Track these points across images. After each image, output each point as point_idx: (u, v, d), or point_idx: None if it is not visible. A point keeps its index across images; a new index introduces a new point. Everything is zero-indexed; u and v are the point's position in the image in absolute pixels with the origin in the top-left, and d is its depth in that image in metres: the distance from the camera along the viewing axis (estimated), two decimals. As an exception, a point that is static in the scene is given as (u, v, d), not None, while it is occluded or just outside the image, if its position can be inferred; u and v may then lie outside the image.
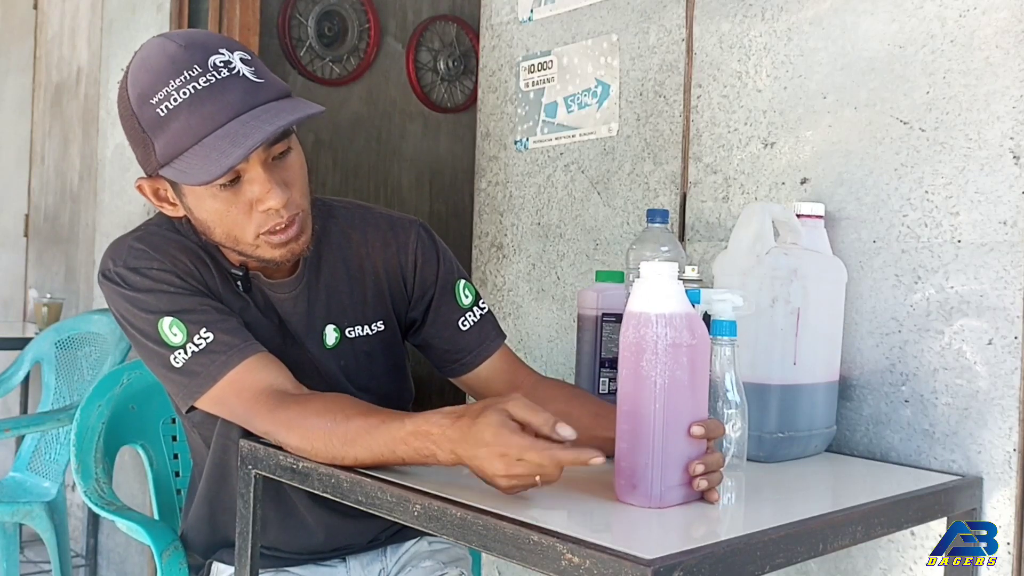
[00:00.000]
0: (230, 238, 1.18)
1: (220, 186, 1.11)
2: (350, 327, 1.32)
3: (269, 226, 1.15)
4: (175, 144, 1.08)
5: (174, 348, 1.17)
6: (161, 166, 1.10)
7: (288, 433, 1.14)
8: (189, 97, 1.07)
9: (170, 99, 1.07)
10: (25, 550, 3.23)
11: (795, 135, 1.47)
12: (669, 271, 0.98)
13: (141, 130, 1.10)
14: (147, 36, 3.14)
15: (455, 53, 4.07)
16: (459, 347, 1.36)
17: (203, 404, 1.19)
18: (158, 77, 1.08)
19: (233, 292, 1.26)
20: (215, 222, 1.16)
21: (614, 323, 1.48)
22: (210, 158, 1.06)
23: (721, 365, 1.13)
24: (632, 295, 0.99)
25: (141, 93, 1.09)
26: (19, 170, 4.30)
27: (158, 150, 1.09)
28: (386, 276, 1.35)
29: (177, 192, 1.17)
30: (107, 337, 2.80)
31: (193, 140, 1.07)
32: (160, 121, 1.08)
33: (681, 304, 0.98)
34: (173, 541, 1.45)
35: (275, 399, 1.16)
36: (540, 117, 1.91)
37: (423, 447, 1.02)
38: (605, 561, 0.79)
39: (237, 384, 1.17)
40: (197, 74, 1.08)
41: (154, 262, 1.20)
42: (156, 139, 1.09)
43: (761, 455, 1.23)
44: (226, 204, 1.14)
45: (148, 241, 1.22)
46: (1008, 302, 1.23)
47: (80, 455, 1.52)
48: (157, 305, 1.18)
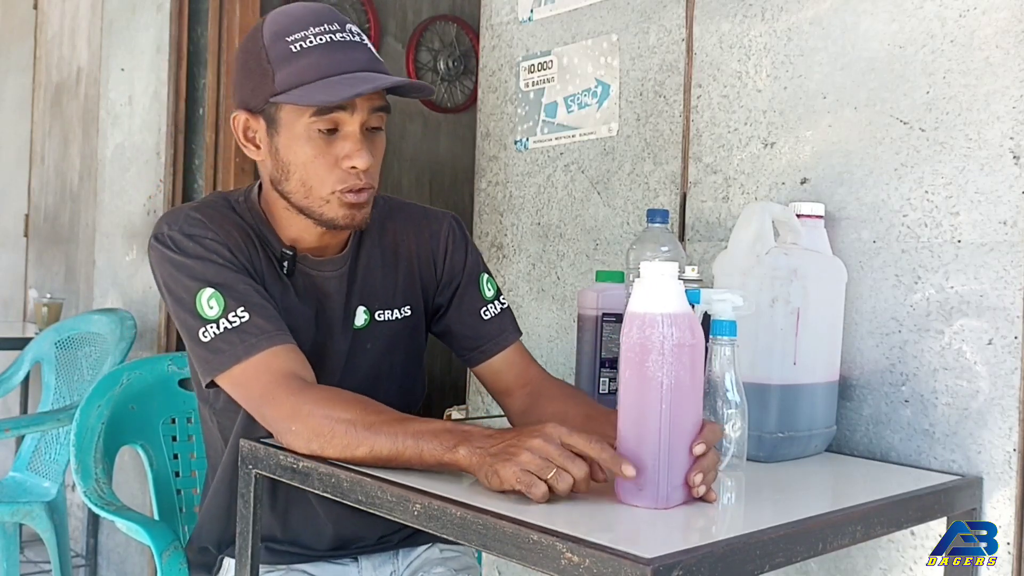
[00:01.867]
0: (305, 187, 1.22)
1: (319, 131, 1.18)
2: (380, 310, 1.36)
3: (347, 184, 1.21)
4: (300, 76, 1.17)
5: (206, 321, 1.19)
6: (276, 93, 1.18)
7: (305, 419, 1.13)
8: (324, 43, 1.17)
9: (306, 40, 1.17)
10: (25, 550, 3.23)
11: (795, 135, 1.47)
12: (671, 271, 0.98)
13: (266, 61, 1.18)
14: (147, 36, 3.16)
15: (455, 53, 4.07)
16: (480, 335, 1.40)
17: (223, 382, 1.20)
18: (298, 21, 1.19)
19: (276, 276, 1.29)
20: (299, 166, 1.21)
21: (614, 323, 1.48)
22: (333, 90, 1.15)
23: (721, 365, 1.13)
24: (634, 295, 0.99)
25: (277, 31, 1.19)
26: (19, 170, 4.30)
27: (278, 79, 1.17)
28: (418, 262, 1.40)
29: (271, 132, 1.22)
30: (107, 337, 2.80)
31: (318, 76, 1.16)
32: (290, 56, 1.17)
33: (684, 304, 0.98)
34: (173, 541, 1.45)
35: (297, 384, 1.17)
36: (540, 117, 1.91)
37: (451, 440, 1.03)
38: (605, 560, 0.79)
39: (261, 368, 1.18)
40: (335, 29, 1.19)
41: (209, 232, 1.24)
42: (279, 70, 1.17)
43: (761, 455, 1.24)
44: (317, 151, 1.20)
45: (206, 212, 1.26)
46: (1008, 302, 1.23)
47: (80, 455, 1.52)
48: (203, 274, 1.20)
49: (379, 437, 1.08)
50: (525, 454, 0.97)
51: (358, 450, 1.09)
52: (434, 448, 1.05)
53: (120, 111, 3.35)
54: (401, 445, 1.07)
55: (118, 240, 3.33)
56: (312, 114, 1.18)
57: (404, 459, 1.07)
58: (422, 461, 1.06)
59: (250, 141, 1.26)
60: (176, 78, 3.00)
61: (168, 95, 3.01)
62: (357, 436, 1.09)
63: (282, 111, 1.20)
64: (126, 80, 3.31)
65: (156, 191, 3.08)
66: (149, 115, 3.14)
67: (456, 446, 1.03)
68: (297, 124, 1.19)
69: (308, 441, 1.13)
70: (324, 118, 1.18)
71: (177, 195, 3.01)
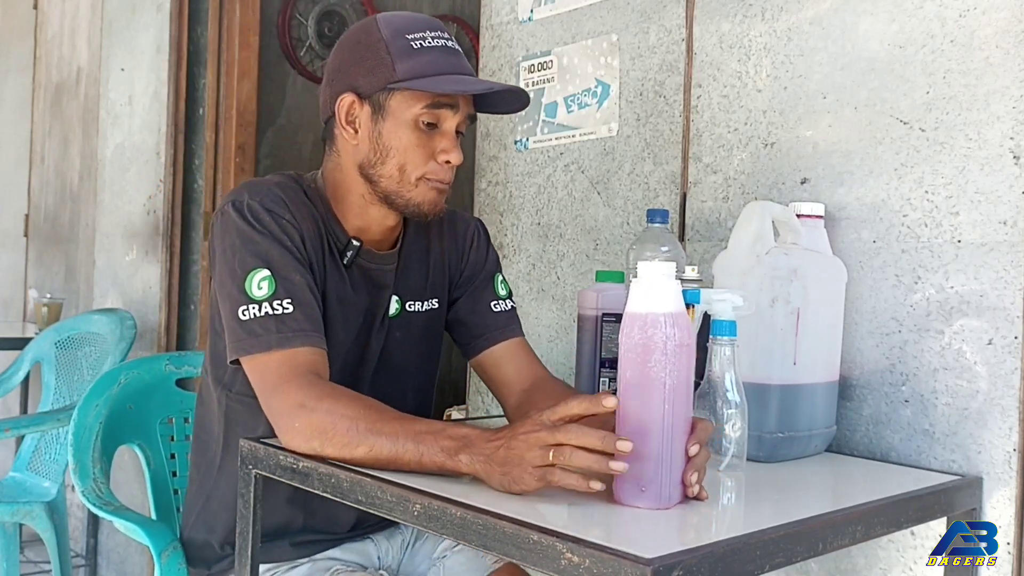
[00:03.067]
0: (399, 168, 1.30)
1: (424, 122, 1.27)
2: (410, 301, 1.43)
3: (438, 176, 1.30)
4: (421, 68, 1.26)
5: (251, 300, 1.22)
6: (396, 80, 1.26)
7: (309, 414, 1.14)
8: (441, 46, 1.28)
9: (425, 40, 1.28)
10: (25, 550, 3.23)
11: (795, 135, 1.47)
12: (670, 271, 0.98)
13: (385, 52, 1.27)
14: (147, 36, 3.16)
15: (455, 53, 4.07)
16: (487, 324, 1.46)
17: (247, 363, 1.23)
18: (416, 24, 1.29)
19: (335, 265, 1.34)
20: (398, 150, 1.29)
21: (614, 323, 1.48)
22: (455, 84, 1.26)
23: (721, 365, 1.13)
24: (633, 295, 0.99)
25: (397, 28, 1.28)
26: (19, 170, 4.30)
27: (399, 69, 1.26)
28: (447, 258, 1.48)
29: (376, 118, 1.29)
30: (107, 337, 2.80)
31: (437, 71, 1.26)
32: (411, 51, 1.26)
33: (682, 304, 0.98)
34: (172, 541, 1.44)
35: (309, 380, 1.19)
36: (540, 117, 1.91)
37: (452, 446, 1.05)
38: (605, 560, 0.79)
39: (285, 360, 1.20)
40: (448, 37, 1.30)
41: (287, 214, 1.28)
42: (400, 61, 1.26)
43: (761, 455, 1.23)
44: (417, 140, 1.28)
45: (288, 194, 1.31)
46: (1008, 302, 1.23)
47: (77, 455, 1.52)
48: (267, 253, 1.25)
49: (379, 438, 1.09)
50: (528, 452, 0.98)
51: (357, 449, 1.10)
52: (435, 454, 1.05)
53: (120, 111, 3.35)
54: (401, 448, 1.08)
55: (118, 240, 3.33)
56: (424, 106, 1.27)
57: (403, 462, 1.08)
58: (421, 465, 1.06)
59: (350, 124, 1.32)
60: (176, 78, 3.00)
61: (168, 95, 3.01)
62: (358, 435, 1.10)
63: (393, 99, 1.28)
64: (126, 80, 3.31)
65: (156, 191, 3.08)
66: (149, 115, 3.14)
67: (457, 452, 1.04)
68: (407, 113, 1.27)
69: (308, 439, 1.14)
70: (432, 112, 1.27)
71: (177, 195, 3.01)
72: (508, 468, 1.00)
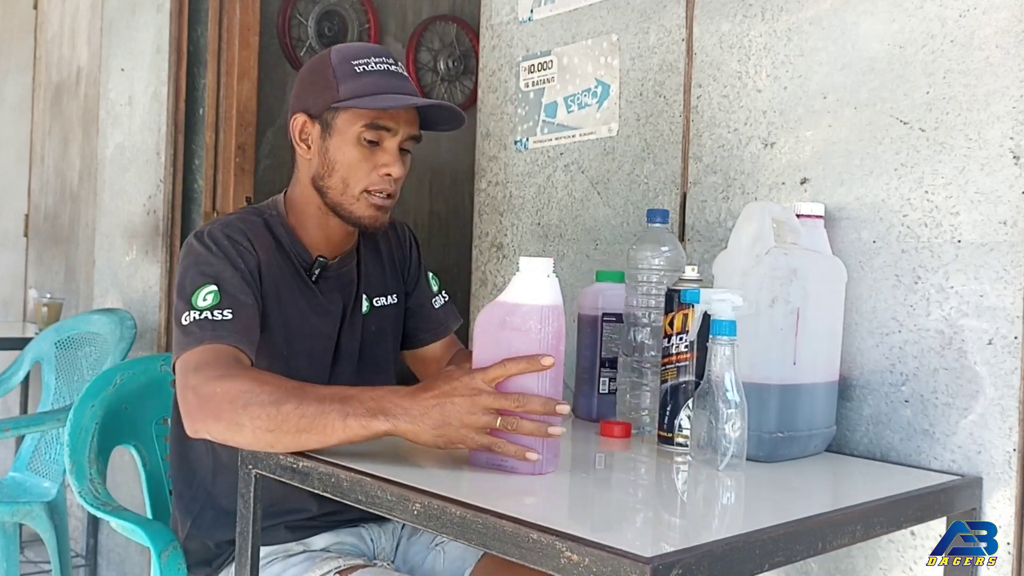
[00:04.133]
0: (344, 183, 1.41)
1: (366, 139, 1.39)
2: (377, 297, 1.55)
3: (378, 187, 1.40)
4: (361, 89, 1.38)
5: (193, 308, 1.30)
6: (339, 100, 1.38)
7: (232, 379, 1.19)
8: (384, 71, 1.40)
9: (368, 64, 1.40)
10: (25, 550, 3.23)
11: (795, 135, 1.47)
12: (548, 267, 1.10)
13: (332, 75, 1.39)
14: (147, 36, 3.16)
15: (455, 53, 4.07)
16: (431, 320, 1.63)
17: (179, 364, 1.28)
18: (362, 52, 1.42)
19: (303, 284, 1.45)
20: (344, 165, 1.40)
21: (614, 323, 1.48)
22: (389, 102, 1.37)
23: (721, 365, 1.13)
24: (514, 288, 1.09)
25: (344, 56, 1.41)
26: (19, 170, 4.30)
27: (342, 90, 1.38)
28: (395, 258, 1.62)
29: (324, 135, 1.41)
30: (107, 337, 2.80)
31: (376, 91, 1.38)
32: (354, 74, 1.39)
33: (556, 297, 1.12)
34: (172, 541, 1.45)
35: (235, 361, 1.26)
36: (540, 117, 1.91)
37: (374, 405, 1.10)
38: (604, 559, 0.79)
39: (211, 350, 1.26)
40: (391, 62, 1.42)
41: (246, 241, 1.39)
42: (343, 84, 1.38)
43: (761, 455, 1.23)
44: (360, 155, 1.39)
45: (249, 226, 1.42)
46: (1008, 302, 1.23)
47: (74, 455, 1.52)
48: (218, 273, 1.34)
49: (305, 401, 1.13)
50: (469, 415, 1.04)
51: (283, 408, 1.13)
52: (360, 414, 1.09)
53: (120, 111, 3.35)
54: (328, 408, 1.11)
55: (118, 240, 3.33)
56: (364, 124, 1.38)
57: (328, 422, 1.10)
58: (345, 426, 1.10)
59: (303, 141, 1.44)
60: (176, 78, 3.00)
61: (168, 95, 3.00)
62: (282, 394, 1.14)
63: (338, 119, 1.39)
64: (126, 80, 3.31)
65: (156, 191, 3.08)
66: (149, 115, 3.14)
67: (379, 412, 1.09)
68: (350, 131, 1.39)
69: (231, 402, 1.17)
70: (372, 131, 1.38)
71: (177, 195, 3.01)
72: (443, 430, 1.05)
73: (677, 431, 1.24)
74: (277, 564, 1.37)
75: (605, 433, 1.37)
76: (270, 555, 1.39)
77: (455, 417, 1.05)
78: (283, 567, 1.37)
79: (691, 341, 1.24)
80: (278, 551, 1.40)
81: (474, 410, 1.05)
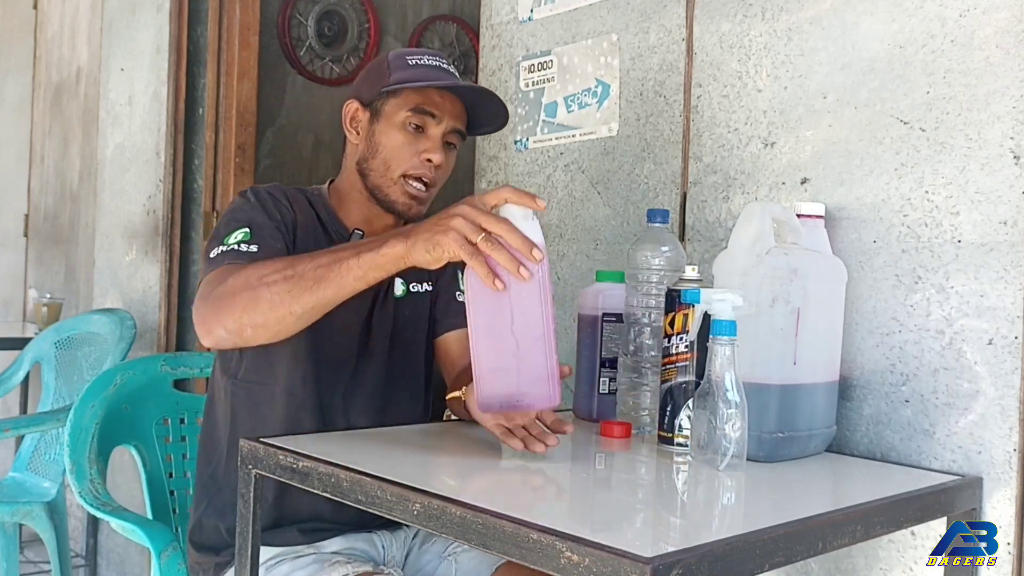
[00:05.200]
0: (384, 164, 1.46)
1: (411, 124, 1.44)
2: (413, 283, 1.57)
3: (417, 172, 1.45)
4: (411, 77, 1.45)
5: (223, 244, 1.35)
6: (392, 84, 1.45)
7: (241, 291, 1.22)
8: (435, 65, 1.48)
9: (422, 59, 1.48)
10: (25, 550, 3.23)
11: (795, 135, 1.47)
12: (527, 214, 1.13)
13: (386, 68, 1.47)
14: (147, 36, 3.16)
15: (455, 53, 4.07)
16: (451, 310, 1.59)
17: (203, 283, 1.33)
18: (417, 51, 1.51)
19: None
20: (386, 147, 1.46)
21: (614, 323, 1.48)
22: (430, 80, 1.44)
23: (721, 365, 1.13)
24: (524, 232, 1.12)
25: (400, 54, 1.50)
26: (19, 170, 4.30)
27: (392, 78, 1.45)
28: None
29: (372, 120, 1.48)
30: (107, 337, 2.80)
31: (425, 79, 1.45)
32: (406, 66, 1.47)
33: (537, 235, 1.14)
34: (172, 541, 1.44)
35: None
36: (540, 117, 1.91)
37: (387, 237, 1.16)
38: (604, 559, 0.79)
39: (228, 271, 1.29)
40: (446, 63, 1.50)
41: (285, 200, 1.46)
42: (395, 73, 1.46)
43: (761, 455, 1.23)
44: (404, 140, 1.45)
45: (291, 192, 1.50)
46: (1008, 302, 1.23)
47: (74, 455, 1.52)
48: (251, 216, 1.40)
49: (318, 255, 1.19)
50: (456, 220, 1.10)
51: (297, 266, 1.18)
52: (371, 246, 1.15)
53: (120, 111, 3.35)
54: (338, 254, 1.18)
55: (118, 240, 3.33)
56: (410, 109, 1.43)
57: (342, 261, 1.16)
58: (359, 261, 1.15)
59: (353, 128, 1.51)
60: (176, 78, 3.00)
61: (168, 95, 3.00)
62: (295, 260, 1.20)
63: (387, 105, 1.46)
64: (126, 80, 3.31)
65: (156, 191, 3.08)
66: (149, 115, 3.14)
67: (390, 239, 1.14)
68: (397, 115, 1.45)
69: (246, 278, 1.22)
70: (418, 115, 1.44)
71: (177, 195, 3.01)
72: (433, 233, 1.11)
73: (677, 431, 1.24)
74: (286, 564, 1.37)
75: (605, 433, 1.37)
76: (279, 555, 1.38)
77: (445, 222, 1.11)
78: (291, 567, 1.36)
79: (691, 341, 1.23)
80: (288, 552, 1.39)
81: (464, 218, 1.10)
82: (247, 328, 1.22)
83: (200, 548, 1.46)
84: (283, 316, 1.20)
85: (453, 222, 1.10)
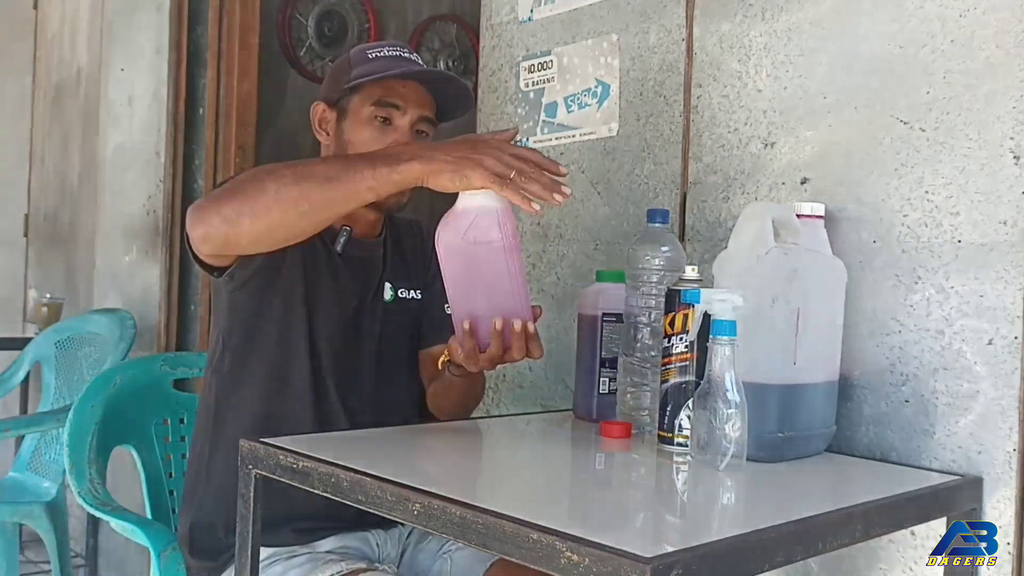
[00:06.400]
0: None
1: (377, 118, 1.44)
2: (402, 289, 1.58)
3: None
4: (371, 70, 1.45)
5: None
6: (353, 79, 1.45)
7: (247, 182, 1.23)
8: (395, 55, 1.48)
9: (381, 51, 1.49)
10: (25, 550, 3.23)
11: (795, 135, 1.47)
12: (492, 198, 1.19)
13: (348, 65, 1.49)
14: (147, 36, 3.16)
15: (455, 53, 4.07)
16: (438, 323, 1.58)
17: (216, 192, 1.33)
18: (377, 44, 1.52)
19: (328, 252, 1.49)
20: (355, 145, 1.45)
21: (614, 323, 1.48)
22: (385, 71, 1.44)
23: (721, 365, 1.13)
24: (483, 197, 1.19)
25: (360, 48, 1.51)
26: (19, 170, 4.30)
27: (354, 73, 1.46)
28: (419, 255, 1.65)
29: (340, 119, 1.48)
30: (107, 337, 2.80)
31: (384, 71, 1.45)
32: (367, 60, 1.48)
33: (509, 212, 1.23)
34: (171, 541, 1.44)
35: None
36: (540, 117, 1.91)
37: (400, 150, 1.20)
38: (604, 559, 0.79)
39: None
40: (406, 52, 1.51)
41: None
42: (356, 68, 1.46)
43: (761, 455, 1.23)
44: (372, 135, 1.44)
45: None
46: (1008, 302, 1.23)
47: (73, 456, 1.52)
48: None
49: (323, 167, 1.22)
50: (489, 154, 1.15)
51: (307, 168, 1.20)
52: (385, 160, 1.18)
53: (120, 111, 3.35)
54: (352, 162, 1.20)
55: (118, 240, 3.33)
56: (373, 103, 1.43)
57: (354, 171, 1.17)
58: (374, 172, 1.17)
59: (322, 128, 1.52)
60: (176, 78, 3.00)
61: (168, 95, 3.01)
62: (305, 165, 1.21)
63: (351, 102, 1.46)
64: (126, 80, 3.31)
65: (156, 191, 3.08)
66: (149, 115, 3.14)
67: (410, 160, 1.17)
68: (362, 111, 1.45)
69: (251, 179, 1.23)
70: (382, 108, 1.44)
71: (177, 195, 3.01)
72: (460, 165, 1.14)
73: (677, 431, 1.24)
74: (279, 564, 1.37)
75: (605, 433, 1.37)
76: (273, 555, 1.38)
77: (476, 155, 1.15)
78: (285, 567, 1.36)
79: (691, 341, 1.23)
80: (282, 552, 1.39)
81: (497, 151, 1.15)
82: (244, 217, 1.19)
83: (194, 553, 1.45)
84: (286, 210, 1.18)
85: (486, 161, 1.14)
